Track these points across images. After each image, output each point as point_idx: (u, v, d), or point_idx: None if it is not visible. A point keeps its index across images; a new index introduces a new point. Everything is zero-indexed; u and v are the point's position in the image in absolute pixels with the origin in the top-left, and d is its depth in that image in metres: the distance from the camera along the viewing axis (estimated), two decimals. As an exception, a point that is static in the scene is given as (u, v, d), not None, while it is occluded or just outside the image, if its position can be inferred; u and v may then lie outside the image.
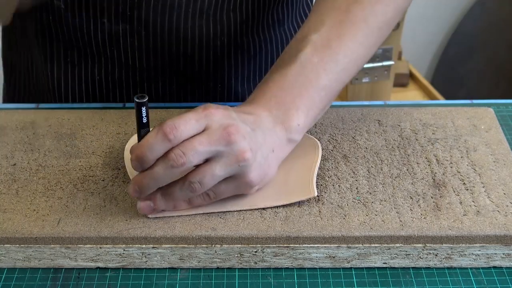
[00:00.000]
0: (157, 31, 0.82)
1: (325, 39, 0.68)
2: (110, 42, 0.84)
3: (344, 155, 0.72)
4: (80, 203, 0.66)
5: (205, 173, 0.60)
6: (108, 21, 0.82)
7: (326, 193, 0.67)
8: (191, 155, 0.58)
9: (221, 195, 0.63)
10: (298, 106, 0.66)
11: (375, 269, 0.64)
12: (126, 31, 0.83)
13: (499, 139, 0.75)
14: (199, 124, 0.60)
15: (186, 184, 0.60)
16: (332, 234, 0.62)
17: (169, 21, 0.81)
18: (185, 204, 0.63)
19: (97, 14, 0.81)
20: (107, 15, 0.81)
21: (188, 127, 0.59)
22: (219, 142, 0.59)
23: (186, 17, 0.82)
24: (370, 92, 1.75)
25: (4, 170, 0.70)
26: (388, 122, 0.78)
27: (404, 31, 1.68)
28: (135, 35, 0.83)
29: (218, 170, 0.60)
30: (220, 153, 0.60)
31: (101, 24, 0.82)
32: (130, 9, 0.80)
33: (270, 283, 0.63)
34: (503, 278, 0.63)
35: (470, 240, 0.63)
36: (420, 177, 0.69)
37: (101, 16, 0.82)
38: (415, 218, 0.64)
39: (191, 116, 0.60)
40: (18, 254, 0.63)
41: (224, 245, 0.63)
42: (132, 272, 0.64)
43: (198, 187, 0.60)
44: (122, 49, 0.84)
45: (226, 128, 0.60)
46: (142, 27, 0.82)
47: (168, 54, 0.85)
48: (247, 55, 0.89)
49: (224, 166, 0.60)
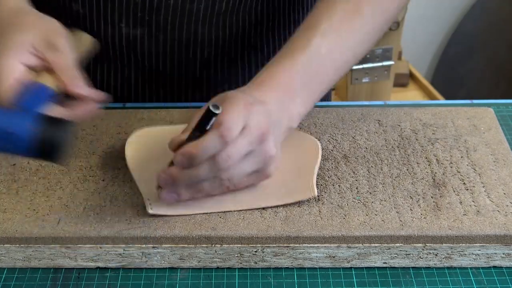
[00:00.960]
0: (175, 35, 0.83)
1: (335, 30, 0.69)
2: (127, 46, 0.84)
3: (344, 155, 0.72)
4: (80, 203, 0.66)
5: (236, 171, 0.62)
6: (126, 25, 0.82)
7: (326, 193, 0.67)
8: (235, 158, 0.61)
9: (240, 186, 0.65)
10: (301, 96, 0.67)
11: (375, 269, 0.64)
12: (144, 35, 0.83)
13: (499, 139, 0.75)
14: (242, 123, 0.61)
15: (217, 181, 0.62)
16: (332, 234, 0.62)
17: (187, 25, 0.82)
18: (205, 196, 0.65)
19: (115, 19, 0.82)
20: (125, 19, 0.82)
21: (236, 127, 0.60)
22: (255, 142, 0.61)
23: (204, 21, 0.82)
24: (370, 92, 1.75)
25: (4, 170, 0.70)
26: (388, 122, 0.78)
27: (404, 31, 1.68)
28: (152, 40, 0.83)
29: (248, 167, 0.63)
30: (252, 152, 0.62)
31: (119, 29, 0.82)
32: (148, 14, 0.81)
33: (270, 283, 0.63)
34: (503, 278, 0.63)
35: (470, 240, 0.63)
36: (420, 177, 0.69)
37: (119, 21, 0.82)
38: (415, 218, 0.64)
39: (237, 115, 0.60)
40: (18, 254, 0.63)
41: (224, 245, 0.63)
42: (132, 272, 0.64)
43: (227, 183, 0.63)
44: (140, 53, 0.85)
45: (261, 128, 0.61)
46: (160, 31, 0.82)
47: (185, 58, 0.86)
48: (261, 56, 0.90)
49: (253, 163, 0.63)
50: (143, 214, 0.64)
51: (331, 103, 0.83)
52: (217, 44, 0.85)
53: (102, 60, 0.86)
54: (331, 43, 0.69)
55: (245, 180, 0.64)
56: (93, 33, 0.82)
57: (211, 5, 0.81)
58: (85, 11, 0.82)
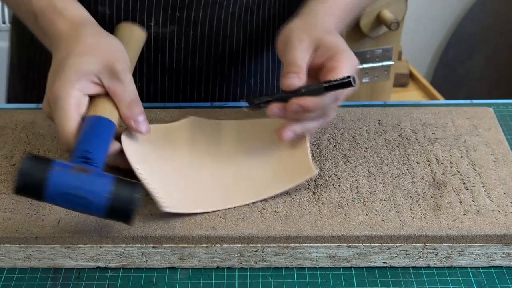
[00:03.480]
0: (205, 31, 0.83)
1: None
2: (155, 45, 0.84)
3: (344, 155, 0.72)
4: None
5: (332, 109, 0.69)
6: (156, 24, 0.82)
7: (326, 192, 0.67)
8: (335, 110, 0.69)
9: None
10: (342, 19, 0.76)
11: (375, 269, 0.64)
12: (173, 33, 0.83)
13: (499, 139, 0.75)
14: None
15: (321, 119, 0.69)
16: (332, 234, 0.62)
17: (217, 20, 0.82)
18: None
19: (144, 18, 0.81)
20: (155, 18, 0.81)
21: None
22: None
23: (233, 14, 0.83)
24: (370, 92, 1.75)
25: (4, 170, 0.70)
26: (388, 122, 0.78)
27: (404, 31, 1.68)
28: (182, 37, 0.83)
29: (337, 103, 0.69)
30: None
31: (147, 28, 0.82)
32: (179, 10, 0.80)
33: (270, 283, 0.63)
34: (503, 278, 0.63)
35: (470, 240, 0.63)
36: (420, 177, 0.69)
37: (148, 20, 0.81)
38: (415, 218, 0.64)
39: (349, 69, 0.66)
40: (18, 253, 0.63)
41: (224, 244, 0.63)
42: (132, 272, 0.64)
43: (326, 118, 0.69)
44: (168, 52, 0.84)
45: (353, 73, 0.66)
46: (190, 27, 0.82)
47: (213, 54, 0.86)
48: None
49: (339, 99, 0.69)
50: (143, 214, 0.64)
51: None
52: (245, 39, 0.86)
53: None
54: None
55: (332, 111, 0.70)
56: None
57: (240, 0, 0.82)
58: (112, 12, 0.81)
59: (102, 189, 0.58)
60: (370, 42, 1.63)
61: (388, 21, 1.53)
